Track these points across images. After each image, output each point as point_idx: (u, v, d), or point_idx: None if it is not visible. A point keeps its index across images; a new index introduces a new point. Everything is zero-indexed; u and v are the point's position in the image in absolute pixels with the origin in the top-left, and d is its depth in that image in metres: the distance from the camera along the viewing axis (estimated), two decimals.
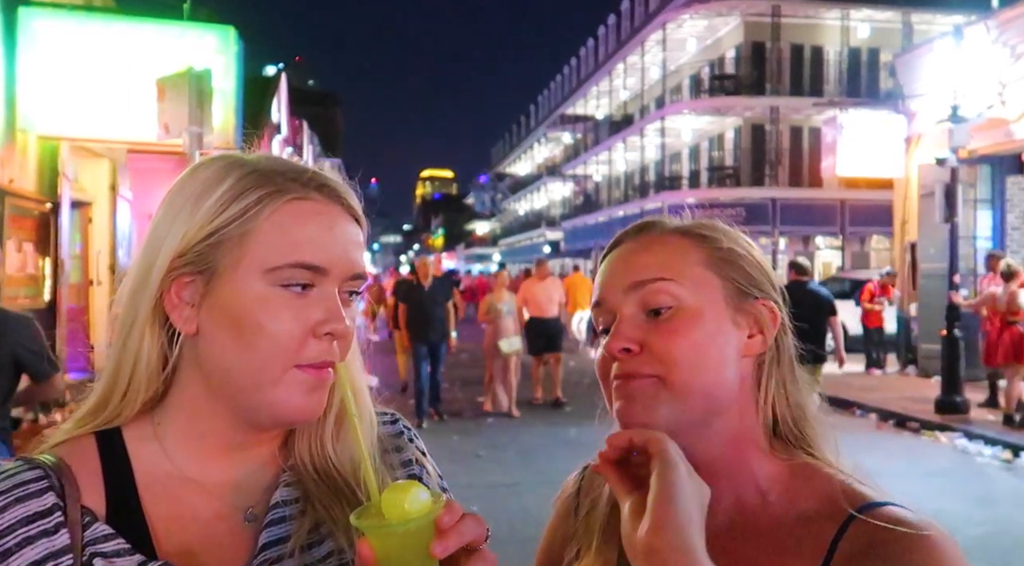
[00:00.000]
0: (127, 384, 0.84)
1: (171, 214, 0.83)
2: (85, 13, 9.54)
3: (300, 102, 30.68)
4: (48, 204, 8.99)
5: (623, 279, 0.90)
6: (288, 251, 0.80)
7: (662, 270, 0.88)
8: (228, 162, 0.85)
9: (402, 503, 0.68)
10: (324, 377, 0.82)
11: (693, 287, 0.88)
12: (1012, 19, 11.92)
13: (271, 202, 0.81)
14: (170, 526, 0.82)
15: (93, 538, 0.77)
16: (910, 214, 14.57)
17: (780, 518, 0.86)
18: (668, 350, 0.85)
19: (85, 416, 0.86)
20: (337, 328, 0.81)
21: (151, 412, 0.86)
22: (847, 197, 24.54)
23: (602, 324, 0.93)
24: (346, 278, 0.84)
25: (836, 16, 25.69)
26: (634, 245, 0.93)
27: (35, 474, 0.78)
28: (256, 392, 0.81)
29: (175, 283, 0.82)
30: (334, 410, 0.90)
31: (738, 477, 0.88)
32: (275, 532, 0.84)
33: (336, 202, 0.85)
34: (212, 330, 0.81)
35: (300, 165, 0.87)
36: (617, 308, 0.90)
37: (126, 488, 0.82)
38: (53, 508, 0.77)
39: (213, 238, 0.81)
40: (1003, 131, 11.94)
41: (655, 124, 29.43)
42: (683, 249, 0.91)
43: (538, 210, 53.84)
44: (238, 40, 9.64)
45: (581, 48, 43.66)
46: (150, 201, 12.25)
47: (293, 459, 0.89)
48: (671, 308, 0.87)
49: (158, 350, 0.84)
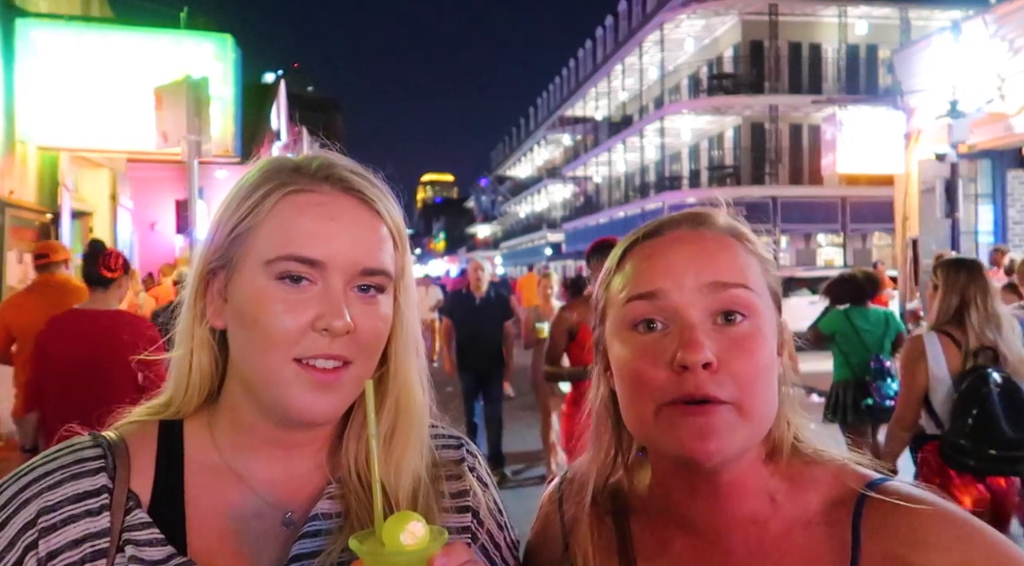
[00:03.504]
0: (187, 380, 0.87)
1: (215, 214, 0.87)
2: (82, 24, 9.56)
3: (299, 109, 30.76)
4: (48, 214, 9.00)
5: (696, 275, 0.80)
6: (282, 243, 0.80)
7: (742, 275, 0.80)
8: (267, 160, 0.88)
9: (397, 534, 0.68)
10: (330, 380, 0.80)
11: (763, 302, 0.82)
12: (1010, 13, 11.90)
13: (273, 195, 0.82)
14: (207, 517, 0.82)
15: (131, 525, 0.79)
16: (911, 210, 14.54)
17: (791, 518, 0.83)
18: (747, 373, 0.77)
19: (157, 406, 0.89)
20: (333, 324, 0.79)
21: (209, 406, 0.88)
22: (848, 194, 24.52)
23: (647, 318, 0.81)
24: (354, 273, 0.81)
25: (833, 13, 25.68)
26: (696, 237, 0.83)
27: (95, 452, 0.81)
28: (265, 388, 0.81)
29: (212, 279, 0.85)
30: (387, 413, 0.87)
31: (753, 491, 0.85)
32: (309, 545, 0.83)
33: (348, 194, 0.84)
34: (231, 324, 0.84)
35: (312, 156, 0.86)
36: (681, 307, 0.79)
37: (173, 475, 0.84)
38: (101, 490, 0.79)
39: (232, 233, 0.83)
40: (1003, 125, 11.90)
41: (654, 124, 29.42)
42: (745, 257, 0.83)
43: (539, 212, 53.84)
44: (236, 48, 9.65)
45: (579, 50, 43.68)
46: (150, 209, 12.29)
47: (341, 470, 0.88)
48: (745, 320, 0.79)
49: (206, 347, 0.86)
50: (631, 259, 0.86)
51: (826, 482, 0.84)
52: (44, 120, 8.56)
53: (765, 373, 0.79)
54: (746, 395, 0.77)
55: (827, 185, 24.09)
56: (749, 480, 0.84)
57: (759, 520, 0.84)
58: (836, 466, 0.85)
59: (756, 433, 0.80)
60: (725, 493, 0.83)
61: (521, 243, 57.90)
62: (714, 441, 0.76)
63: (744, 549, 0.83)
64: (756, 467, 0.85)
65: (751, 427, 0.78)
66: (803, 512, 0.83)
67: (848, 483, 0.82)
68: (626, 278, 0.85)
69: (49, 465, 0.80)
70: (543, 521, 1.00)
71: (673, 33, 28.40)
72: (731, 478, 0.83)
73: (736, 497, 0.84)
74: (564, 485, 1.00)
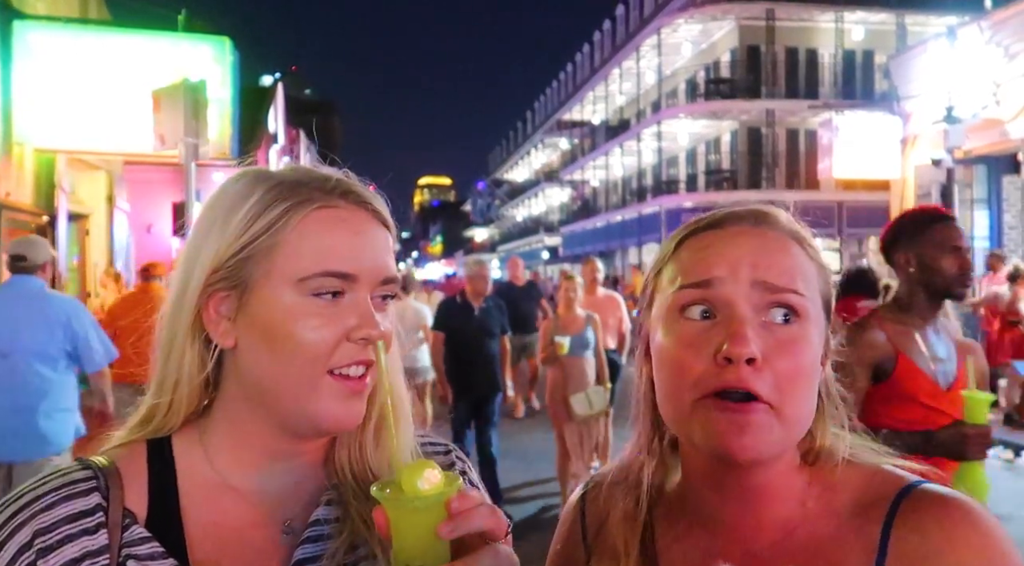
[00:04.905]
0: (171, 397, 0.86)
1: (203, 231, 0.86)
2: (80, 26, 9.56)
3: (297, 111, 30.73)
4: (45, 217, 8.98)
5: (751, 271, 0.80)
6: (316, 260, 0.81)
7: (795, 281, 0.81)
8: (254, 176, 0.87)
9: (415, 481, 0.72)
10: (360, 387, 0.83)
11: (813, 309, 0.82)
12: (1005, 19, 11.95)
13: (296, 213, 0.83)
14: (206, 532, 0.83)
15: (130, 540, 0.79)
16: None
17: (822, 522, 0.83)
18: (788, 374, 0.78)
19: (136, 425, 0.89)
20: (371, 333, 0.82)
21: (198, 421, 0.88)
22: (844, 199, 24.55)
23: (698, 306, 0.81)
24: (377, 283, 0.85)
25: (830, 19, 25.75)
26: (757, 234, 0.84)
27: (85, 474, 0.82)
28: (294, 402, 0.82)
29: (212, 299, 0.84)
30: (373, 421, 0.90)
31: (785, 495, 0.84)
32: (312, 549, 0.85)
33: (362, 208, 0.86)
34: (249, 343, 0.83)
35: (324, 173, 0.88)
36: (734, 299, 0.80)
37: (168, 492, 0.84)
38: (96, 508, 0.79)
39: (243, 252, 0.82)
40: (998, 131, 11.95)
41: (652, 128, 29.47)
42: (804, 262, 0.84)
43: (536, 216, 53.85)
44: (233, 50, 9.66)
45: (577, 54, 43.74)
46: (147, 212, 12.27)
47: (336, 475, 0.90)
48: (794, 323, 0.80)
49: (199, 365, 0.85)
50: (687, 248, 0.86)
51: (860, 485, 0.83)
52: (41, 122, 8.56)
53: (806, 378, 0.80)
54: (785, 396, 0.77)
55: (823, 190, 24.13)
56: (781, 484, 0.84)
57: (787, 525, 0.83)
58: (871, 469, 0.85)
59: (791, 436, 0.80)
60: (755, 495, 0.84)
61: (518, 246, 57.92)
62: (749, 437, 0.76)
63: (770, 553, 0.82)
64: (790, 472, 0.85)
65: (786, 430, 0.78)
66: (834, 516, 0.82)
67: (883, 486, 0.82)
68: (680, 266, 0.85)
69: (39, 490, 0.80)
70: (565, 533, 0.99)
71: (670, 38, 28.45)
72: (763, 481, 0.83)
73: (766, 500, 0.84)
74: (588, 493, 1.00)
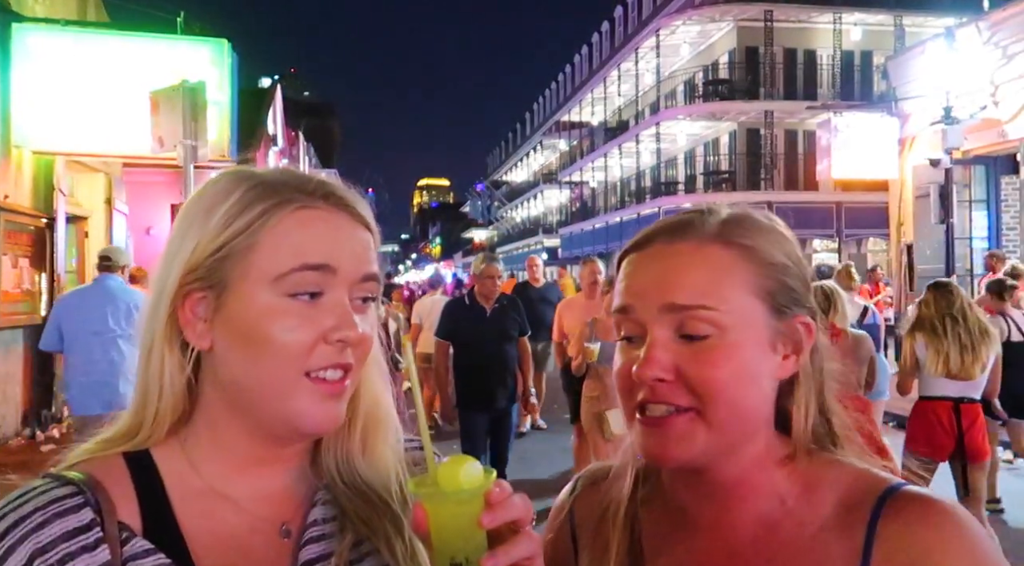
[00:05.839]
0: (156, 405, 0.83)
1: (182, 230, 0.84)
2: (79, 28, 9.57)
3: (296, 113, 30.70)
4: (44, 219, 8.99)
5: (658, 295, 0.83)
6: (292, 256, 0.80)
7: (704, 296, 0.81)
8: (236, 176, 0.85)
9: (457, 474, 0.73)
10: (338, 389, 0.82)
11: (735, 316, 0.82)
12: (1003, 20, 11.97)
13: (275, 213, 0.81)
14: (207, 541, 0.81)
15: (133, 553, 0.77)
16: (906, 216, 14.59)
17: (804, 521, 0.83)
18: (706, 383, 0.80)
19: (115, 438, 0.85)
20: (349, 335, 0.80)
21: (178, 430, 0.85)
22: (843, 200, 24.56)
23: (625, 331, 0.86)
24: (356, 280, 0.83)
25: (828, 20, 25.77)
26: (670, 251, 0.85)
27: (68, 490, 0.78)
28: (271, 404, 0.80)
29: (188, 299, 0.82)
30: (359, 424, 0.89)
31: (760, 493, 0.85)
32: (315, 549, 0.84)
33: (343, 210, 0.84)
34: (225, 345, 0.81)
35: (306, 175, 0.86)
36: (647, 323, 0.83)
37: (161, 504, 0.81)
38: (92, 523, 0.76)
39: (221, 252, 0.80)
40: (997, 132, 11.96)
41: (650, 130, 29.47)
42: (725, 267, 0.83)
43: (535, 217, 53.83)
44: (232, 53, 9.67)
45: (575, 55, 43.77)
46: (146, 214, 12.26)
47: (324, 476, 0.89)
48: (709, 337, 0.81)
49: (179, 369, 0.83)
50: (621, 271, 0.90)
51: (843, 486, 0.84)
52: (40, 125, 8.57)
53: (735, 381, 0.81)
54: (708, 403, 0.81)
55: (822, 191, 24.14)
56: (756, 481, 0.85)
57: (768, 522, 0.84)
58: (856, 470, 0.85)
59: (725, 438, 0.82)
60: (726, 493, 0.85)
61: (517, 248, 57.90)
62: (672, 447, 0.82)
63: (751, 551, 0.83)
64: (763, 468, 0.85)
65: (717, 433, 0.81)
66: (816, 515, 0.83)
67: (867, 488, 0.82)
68: (615, 290, 0.90)
69: (22, 510, 0.76)
70: (554, 531, 1.00)
71: (669, 39, 28.47)
72: (728, 478, 0.84)
73: (740, 498, 0.85)
74: (578, 489, 1.01)
